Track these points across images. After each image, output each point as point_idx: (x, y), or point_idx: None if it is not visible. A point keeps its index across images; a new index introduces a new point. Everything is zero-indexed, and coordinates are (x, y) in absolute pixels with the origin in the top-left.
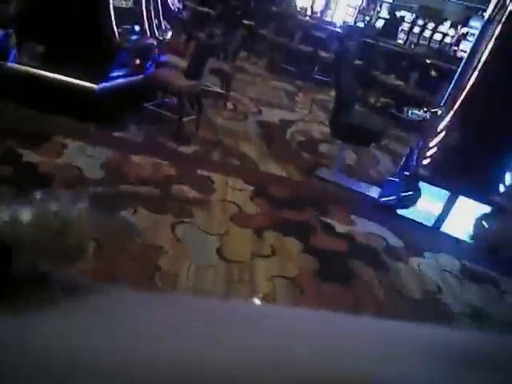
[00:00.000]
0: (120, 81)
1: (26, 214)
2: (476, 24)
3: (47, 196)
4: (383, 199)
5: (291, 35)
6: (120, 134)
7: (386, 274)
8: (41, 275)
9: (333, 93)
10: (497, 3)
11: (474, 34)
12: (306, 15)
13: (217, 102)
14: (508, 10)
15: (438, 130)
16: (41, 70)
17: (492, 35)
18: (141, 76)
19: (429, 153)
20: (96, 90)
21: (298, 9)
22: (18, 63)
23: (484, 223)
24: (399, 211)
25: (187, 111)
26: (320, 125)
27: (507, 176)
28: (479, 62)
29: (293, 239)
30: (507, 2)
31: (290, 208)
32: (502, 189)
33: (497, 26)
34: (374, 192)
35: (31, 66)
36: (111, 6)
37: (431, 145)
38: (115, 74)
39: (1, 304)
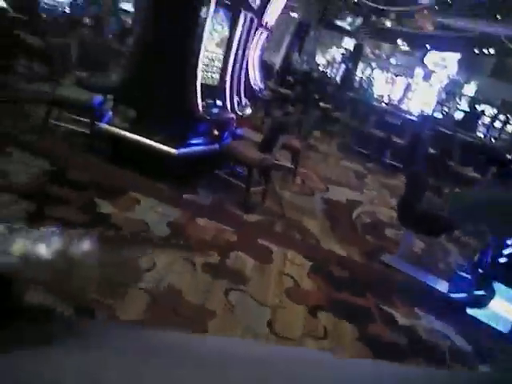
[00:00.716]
0: (197, 148)
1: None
2: None
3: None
4: (452, 295)
5: (365, 119)
6: (189, 197)
7: None
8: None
9: (403, 178)
10: None
11: None
12: (382, 102)
13: (285, 176)
14: None
15: None
16: (129, 131)
17: None
18: (216, 145)
19: (506, 251)
20: (174, 155)
21: (376, 96)
22: (111, 124)
23: None
24: (469, 310)
25: (255, 182)
26: (388, 209)
27: None
28: None
29: (348, 324)
30: None
31: (349, 290)
32: None
33: None
34: (441, 285)
35: (121, 128)
36: (198, 83)
37: (509, 243)
38: (193, 141)
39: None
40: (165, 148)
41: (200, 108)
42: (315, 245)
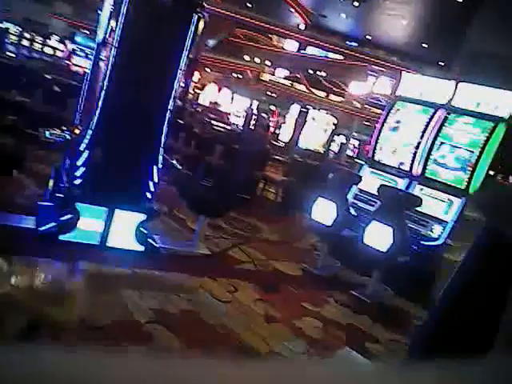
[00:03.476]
0: None
1: None
2: (81, 40)
3: None
4: (42, 228)
5: None
6: None
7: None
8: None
9: None
10: (107, 28)
11: (82, 50)
12: None
13: None
14: (118, 35)
15: (82, 148)
16: None
17: (109, 56)
18: None
19: (78, 172)
20: None
21: None
22: None
23: (143, 230)
24: (62, 237)
25: None
26: None
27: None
28: (104, 80)
29: None
30: (116, 28)
31: None
32: (150, 196)
33: (111, 47)
34: (29, 222)
35: None
36: None
37: (79, 164)
38: None
39: None
40: None
41: None
42: None
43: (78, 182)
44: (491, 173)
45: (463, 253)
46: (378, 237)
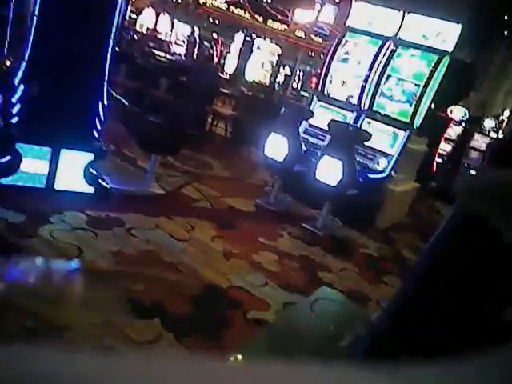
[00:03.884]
0: None
1: None
2: None
3: None
4: None
5: None
6: None
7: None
8: None
9: None
10: None
11: None
12: None
13: None
14: None
15: (16, 83)
16: None
17: None
18: None
19: (14, 109)
20: None
21: None
22: None
23: (92, 171)
24: (3, 181)
25: None
26: None
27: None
28: (36, 3)
29: None
30: None
31: None
32: (97, 134)
33: None
34: None
35: None
36: None
37: (14, 100)
38: None
39: None
40: None
41: None
42: None
43: (15, 120)
44: (432, 106)
45: (403, 184)
46: (329, 171)
